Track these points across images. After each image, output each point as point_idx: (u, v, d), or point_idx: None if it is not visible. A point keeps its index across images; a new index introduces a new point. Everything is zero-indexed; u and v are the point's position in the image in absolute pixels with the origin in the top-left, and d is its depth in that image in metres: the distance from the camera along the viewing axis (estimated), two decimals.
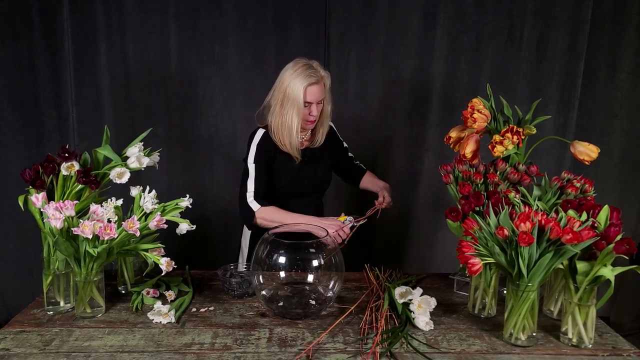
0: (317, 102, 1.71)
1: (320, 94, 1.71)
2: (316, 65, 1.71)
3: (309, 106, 1.71)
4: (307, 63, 1.70)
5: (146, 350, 1.16)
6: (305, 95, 1.68)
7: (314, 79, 1.68)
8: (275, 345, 1.19)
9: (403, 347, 1.19)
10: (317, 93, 1.70)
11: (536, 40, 2.50)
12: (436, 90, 2.56)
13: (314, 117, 1.73)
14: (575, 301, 1.19)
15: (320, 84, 1.70)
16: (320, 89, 1.71)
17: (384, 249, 2.73)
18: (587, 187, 1.40)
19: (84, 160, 1.46)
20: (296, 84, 1.67)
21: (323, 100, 1.75)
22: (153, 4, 2.44)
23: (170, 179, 2.57)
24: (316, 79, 1.68)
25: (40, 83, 2.48)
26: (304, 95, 1.67)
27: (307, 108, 1.72)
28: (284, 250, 1.35)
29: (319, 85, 1.70)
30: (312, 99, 1.70)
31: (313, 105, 1.71)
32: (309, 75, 1.67)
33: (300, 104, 1.68)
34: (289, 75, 1.69)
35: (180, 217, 1.42)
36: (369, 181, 1.98)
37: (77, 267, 1.29)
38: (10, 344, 1.18)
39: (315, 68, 1.70)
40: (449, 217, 1.37)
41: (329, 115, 1.82)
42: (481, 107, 1.47)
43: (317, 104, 1.72)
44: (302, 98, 1.67)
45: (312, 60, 1.73)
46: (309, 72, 1.68)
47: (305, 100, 1.68)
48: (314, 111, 1.72)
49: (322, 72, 1.71)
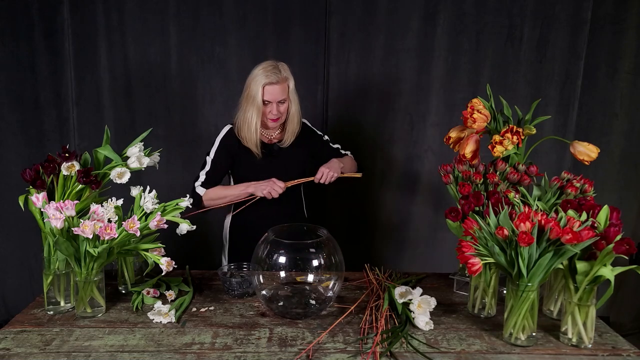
0: (276, 101, 1.77)
1: (279, 94, 1.76)
2: (282, 67, 1.77)
3: (269, 105, 1.77)
4: (272, 64, 1.76)
5: (146, 350, 1.16)
6: (263, 94, 1.74)
7: (272, 78, 1.73)
8: (276, 345, 1.19)
9: (403, 347, 1.19)
10: (275, 93, 1.75)
11: (536, 40, 2.51)
12: (436, 90, 2.56)
13: (274, 115, 1.79)
14: (575, 301, 1.19)
15: (280, 85, 1.75)
16: (280, 90, 1.76)
17: (384, 249, 2.74)
18: (586, 187, 1.40)
19: (84, 160, 1.46)
20: (256, 83, 1.75)
21: (286, 101, 1.80)
22: (153, 4, 2.44)
23: (170, 179, 2.57)
24: (275, 79, 1.74)
25: (40, 83, 2.48)
26: (262, 94, 1.74)
27: (267, 106, 1.77)
28: (284, 250, 1.35)
29: (279, 86, 1.75)
30: (271, 98, 1.76)
31: (273, 104, 1.77)
32: (268, 76, 1.73)
33: (258, 103, 1.75)
34: (253, 74, 1.77)
35: (180, 217, 1.42)
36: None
37: (78, 267, 1.29)
38: (10, 344, 1.18)
39: (279, 69, 1.75)
40: (449, 217, 1.37)
41: (296, 116, 1.86)
42: (481, 107, 1.47)
43: (277, 104, 1.77)
44: (260, 97, 1.74)
45: (280, 63, 1.78)
46: (270, 72, 1.74)
47: (263, 98, 1.75)
48: (274, 110, 1.77)
49: (285, 73, 1.77)
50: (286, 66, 1.80)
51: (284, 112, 1.82)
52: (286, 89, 1.79)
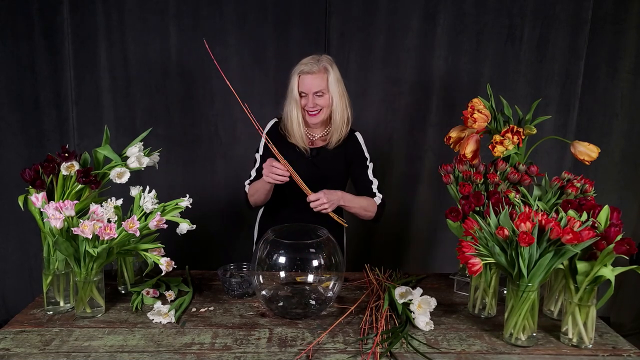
0: (312, 93, 1.68)
1: (315, 85, 1.67)
2: (324, 58, 1.69)
3: (305, 97, 1.69)
4: (315, 55, 1.70)
5: (146, 350, 1.16)
6: (298, 85, 1.68)
7: (307, 68, 1.66)
8: (275, 345, 1.19)
9: (403, 347, 1.19)
10: (309, 83, 1.67)
11: (536, 40, 2.50)
12: (436, 90, 2.56)
13: (310, 108, 1.69)
14: (576, 301, 1.19)
15: (316, 75, 1.66)
16: (315, 80, 1.66)
17: (384, 249, 2.73)
18: (587, 187, 1.40)
19: (84, 160, 1.46)
20: (293, 74, 1.69)
21: (324, 94, 1.69)
22: (153, 3, 2.44)
23: (170, 179, 2.57)
24: (311, 68, 1.65)
25: (40, 83, 2.48)
26: (297, 84, 1.68)
27: (303, 99, 1.70)
28: (284, 250, 1.35)
29: (314, 76, 1.66)
30: (305, 89, 1.67)
31: (309, 96, 1.68)
32: (304, 64, 1.67)
33: (294, 94, 1.69)
34: (295, 66, 1.71)
35: (180, 217, 1.42)
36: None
37: (77, 267, 1.29)
38: (10, 344, 1.18)
39: (319, 59, 1.68)
40: (449, 217, 1.37)
41: (339, 112, 1.73)
42: (481, 107, 1.47)
43: (313, 95, 1.68)
44: (297, 87, 1.68)
45: (325, 55, 1.71)
46: (307, 62, 1.67)
47: (298, 90, 1.68)
48: (310, 103, 1.69)
49: (324, 64, 1.68)
50: (330, 58, 1.70)
51: (325, 106, 1.70)
52: (325, 81, 1.67)
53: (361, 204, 1.76)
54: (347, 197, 1.72)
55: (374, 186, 1.84)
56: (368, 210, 1.79)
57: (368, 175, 1.84)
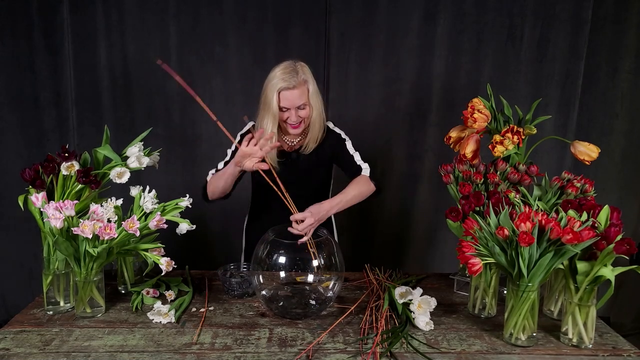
0: (294, 107, 1.60)
1: (298, 99, 1.59)
2: (301, 69, 1.61)
3: (287, 111, 1.62)
4: (290, 66, 1.60)
5: (146, 350, 1.16)
6: (279, 101, 1.59)
7: (289, 83, 1.56)
8: (275, 345, 1.19)
9: (403, 347, 1.19)
10: (292, 99, 1.59)
11: (536, 40, 2.50)
12: (436, 90, 2.56)
13: (294, 122, 1.63)
14: (576, 301, 1.19)
15: (298, 89, 1.58)
16: (298, 95, 1.59)
17: (384, 249, 2.73)
18: (587, 187, 1.40)
19: (84, 160, 1.46)
20: (271, 88, 1.58)
21: (306, 106, 1.63)
22: (153, 3, 2.44)
23: (170, 179, 2.57)
24: (292, 83, 1.57)
25: (40, 83, 2.48)
26: (277, 100, 1.58)
27: (284, 113, 1.62)
28: (284, 250, 1.35)
29: (296, 91, 1.58)
30: (288, 104, 1.59)
31: (291, 110, 1.61)
32: (284, 80, 1.56)
33: (274, 110, 1.59)
34: (269, 77, 1.61)
35: (180, 217, 1.42)
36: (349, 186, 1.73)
37: (77, 267, 1.29)
38: (10, 344, 1.18)
39: (297, 71, 1.59)
40: (449, 217, 1.37)
41: (317, 122, 1.69)
42: (481, 107, 1.47)
43: (296, 109, 1.61)
44: (276, 103, 1.58)
45: (300, 63, 1.62)
46: (287, 76, 1.57)
47: (279, 105, 1.59)
48: (293, 117, 1.62)
49: (303, 76, 1.60)
50: (306, 67, 1.63)
51: (306, 117, 1.65)
52: (305, 93, 1.61)
53: (353, 194, 1.66)
54: (335, 201, 1.61)
55: (356, 158, 1.75)
56: (363, 191, 1.69)
57: (348, 151, 1.76)
